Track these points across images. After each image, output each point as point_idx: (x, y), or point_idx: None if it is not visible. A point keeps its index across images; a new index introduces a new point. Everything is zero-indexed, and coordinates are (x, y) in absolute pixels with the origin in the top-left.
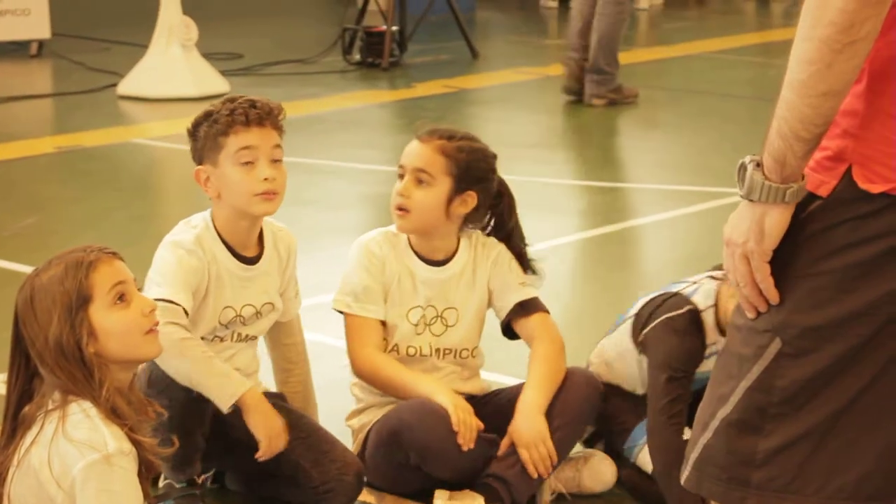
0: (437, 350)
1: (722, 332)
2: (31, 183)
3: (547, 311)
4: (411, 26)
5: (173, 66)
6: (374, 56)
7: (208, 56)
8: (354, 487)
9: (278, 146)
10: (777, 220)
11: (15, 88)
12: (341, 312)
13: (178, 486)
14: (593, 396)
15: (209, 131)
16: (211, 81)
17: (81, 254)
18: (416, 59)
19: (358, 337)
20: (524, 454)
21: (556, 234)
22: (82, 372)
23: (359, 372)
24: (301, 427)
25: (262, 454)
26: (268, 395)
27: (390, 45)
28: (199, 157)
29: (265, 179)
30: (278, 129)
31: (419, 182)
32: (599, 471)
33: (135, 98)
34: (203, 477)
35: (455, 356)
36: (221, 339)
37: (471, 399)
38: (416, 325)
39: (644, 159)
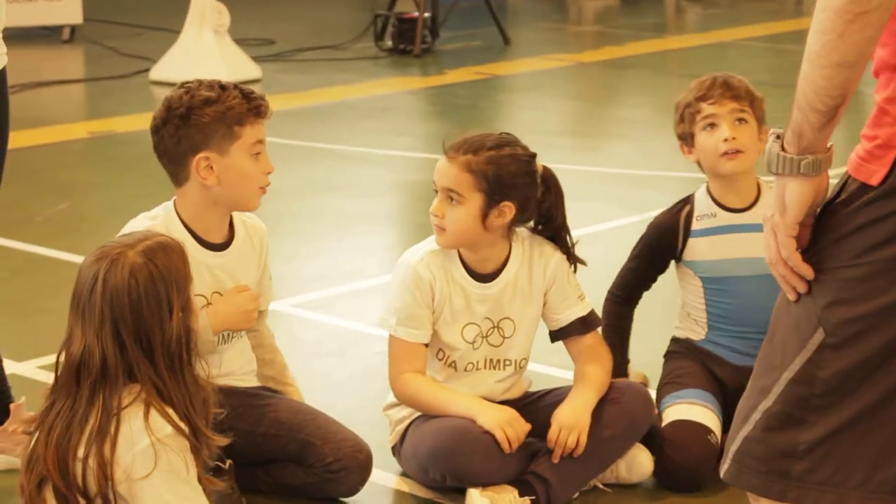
0: (498, 361)
1: (717, 202)
2: (63, 168)
3: (600, 325)
4: (443, 13)
5: (205, 51)
6: (405, 42)
7: (240, 42)
8: (367, 468)
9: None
10: (796, 193)
11: (47, 73)
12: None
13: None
14: (647, 415)
15: (222, 118)
16: (243, 67)
17: (166, 238)
18: (448, 45)
19: (397, 361)
20: (554, 431)
21: (590, 221)
22: (182, 363)
23: (399, 396)
24: (306, 410)
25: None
26: (264, 389)
27: (422, 32)
28: (198, 144)
29: (268, 173)
30: None
31: (450, 200)
32: (637, 462)
33: (167, 83)
34: (229, 462)
35: (515, 367)
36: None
37: (509, 404)
38: (473, 342)
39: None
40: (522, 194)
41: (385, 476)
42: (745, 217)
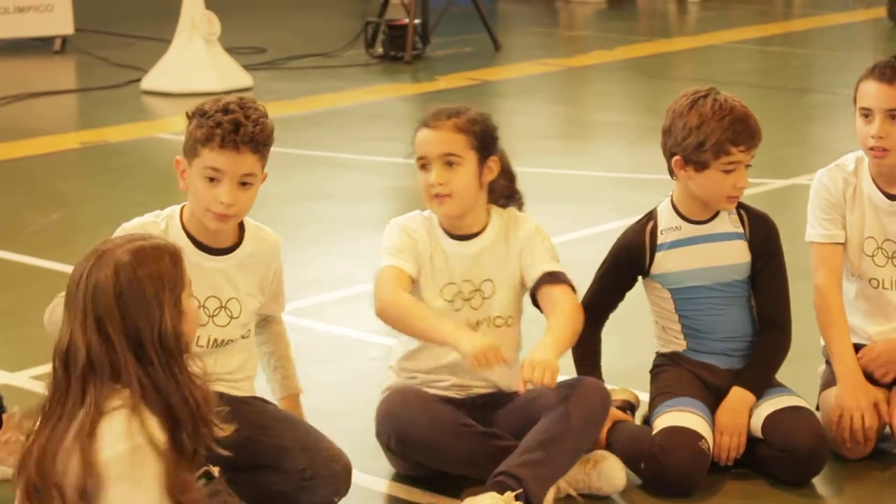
0: (478, 323)
1: (681, 215)
2: (55, 179)
3: (572, 287)
4: (434, 19)
5: (196, 60)
6: (396, 49)
7: (231, 50)
8: (342, 479)
9: (250, 174)
10: None
11: (39, 84)
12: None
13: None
14: (602, 401)
15: (194, 132)
16: (234, 76)
17: (161, 241)
18: (439, 51)
19: (389, 282)
20: (528, 372)
21: (584, 224)
22: (178, 360)
23: (384, 311)
24: (291, 419)
25: None
26: (257, 399)
27: (413, 38)
28: (183, 148)
29: (222, 203)
30: (259, 153)
31: (449, 165)
32: (610, 474)
33: (158, 93)
34: (218, 469)
35: (489, 325)
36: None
37: (491, 396)
38: (453, 302)
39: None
40: (499, 148)
41: (375, 481)
42: (709, 227)
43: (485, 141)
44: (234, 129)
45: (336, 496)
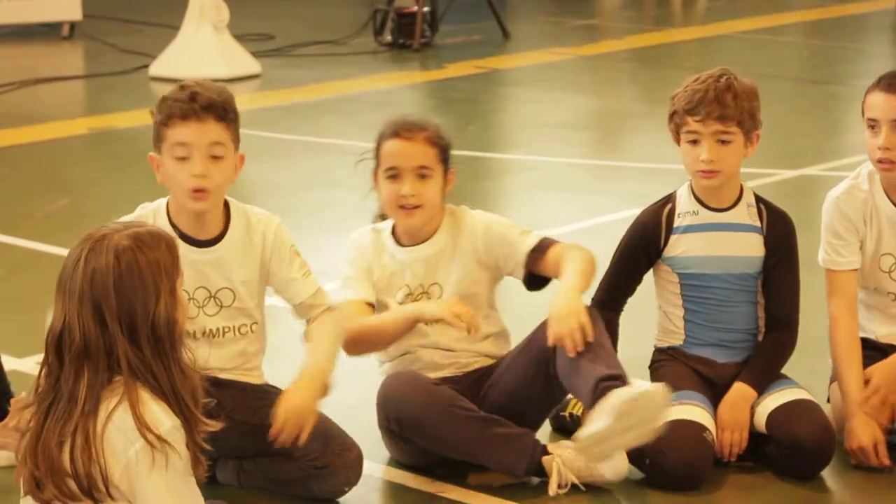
0: (430, 323)
1: (699, 200)
2: (64, 165)
3: (556, 242)
4: (442, 7)
5: (205, 47)
6: (405, 37)
7: (240, 37)
8: (354, 468)
9: (218, 143)
10: None
11: (47, 70)
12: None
13: None
14: None
15: (156, 118)
16: (242, 62)
17: (157, 228)
18: (448, 39)
19: (350, 318)
20: (556, 328)
21: (592, 214)
22: (169, 348)
23: (349, 344)
24: None
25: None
26: (269, 387)
27: (422, 26)
28: (153, 141)
29: (195, 175)
30: (224, 121)
31: (422, 178)
32: (614, 461)
33: (166, 79)
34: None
35: (444, 324)
36: (191, 334)
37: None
38: (402, 303)
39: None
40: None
41: (384, 469)
42: (726, 216)
43: (448, 154)
44: (192, 99)
45: (347, 485)
